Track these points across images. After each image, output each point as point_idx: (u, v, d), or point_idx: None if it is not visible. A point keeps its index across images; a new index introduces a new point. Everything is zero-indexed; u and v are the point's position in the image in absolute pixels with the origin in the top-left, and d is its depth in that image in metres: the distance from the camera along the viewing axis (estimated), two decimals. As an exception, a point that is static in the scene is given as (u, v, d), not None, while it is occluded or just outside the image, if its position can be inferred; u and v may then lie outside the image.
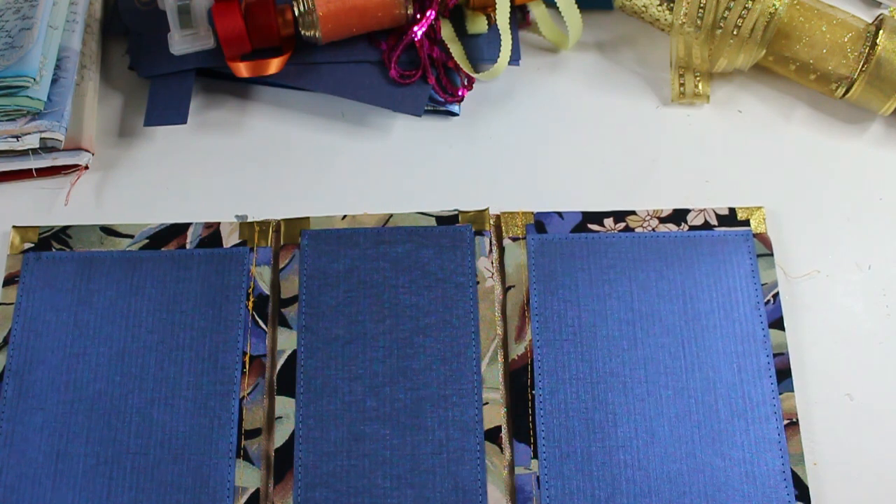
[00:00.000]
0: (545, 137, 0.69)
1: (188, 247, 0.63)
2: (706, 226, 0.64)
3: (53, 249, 0.63)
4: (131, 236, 0.63)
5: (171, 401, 0.58)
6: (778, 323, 0.60)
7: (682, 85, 0.70)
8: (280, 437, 0.57)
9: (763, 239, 0.63)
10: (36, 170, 0.65)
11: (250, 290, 0.61)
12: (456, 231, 0.63)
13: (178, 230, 0.64)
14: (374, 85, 0.67)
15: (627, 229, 0.63)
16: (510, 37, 0.67)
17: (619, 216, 0.64)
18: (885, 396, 0.59)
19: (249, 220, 0.65)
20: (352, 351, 0.59)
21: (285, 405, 0.58)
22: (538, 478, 0.56)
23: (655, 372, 0.59)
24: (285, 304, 0.61)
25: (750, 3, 0.65)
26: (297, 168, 0.67)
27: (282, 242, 0.63)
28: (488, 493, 0.56)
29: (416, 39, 0.67)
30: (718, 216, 0.64)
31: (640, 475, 0.56)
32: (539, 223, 0.64)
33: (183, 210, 0.65)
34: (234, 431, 0.57)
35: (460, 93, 0.68)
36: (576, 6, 0.69)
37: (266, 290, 0.61)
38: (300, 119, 0.70)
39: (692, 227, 0.63)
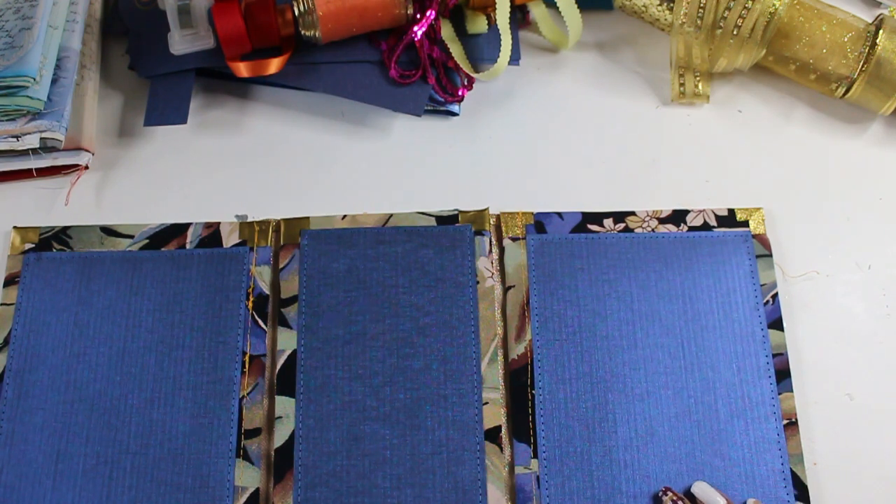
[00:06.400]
0: (545, 137, 0.69)
1: (188, 247, 0.63)
2: (705, 226, 0.64)
3: (54, 250, 0.63)
4: (131, 236, 0.63)
5: (171, 401, 0.58)
6: (777, 323, 0.60)
7: (682, 85, 0.70)
8: (280, 436, 0.57)
9: (762, 240, 0.63)
10: (36, 170, 0.66)
11: (250, 290, 0.61)
12: (456, 231, 0.63)
13: (178, 230, 0.64)
14: (374, 85, 0.67)
15: (627, 230, 0.63)
16: (510, 37, 0.67)
17: (619, 217, 0.64)
18: (885, 396, 0.59)
19: (249, 220, 0.65)
20: (351, 351, 0.59)
21: (285, 405, 0.58)
22: (538, 477, 0.56)
23: (655, 372, 0.59)
24: (285, 303, 0.61)
25: (750, 3, 0.65)
26: (297, 168, 0.67)
27: (282, 242, 0.63)
28: (488, 492, 0.56)
29: (416, 39, 0.67)
30: (718, 217, 0.64)
31: (640, 475, 0.56)
32: (539, 223, 0.64)
33: (183, 210, 0.65)
34: (233, 431, 0.57)
35: (460, 93, 0.68)
36: (576, 6, 0.69)
37: (266, 289, 0.62)
38: (300, 119, 0.70)
39: (691, 228, 0.64)
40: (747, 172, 0.67)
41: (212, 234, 0.63)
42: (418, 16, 0.67)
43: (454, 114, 0.70)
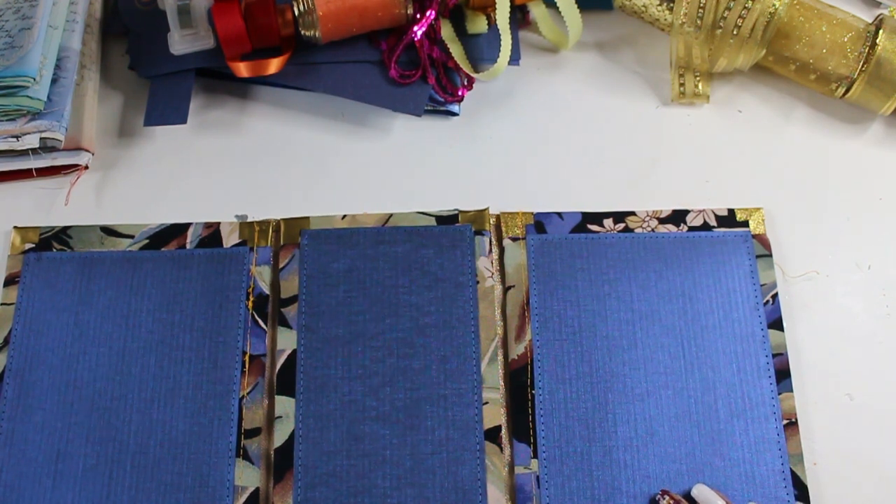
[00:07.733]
0: (545, 137, 0.69)
1: (188, 247, 0.63)
2: (705, 226, 0.64)
3: (54, 250, 0.63)
4: (131, 236, 0.63)
5: (171, 400, 0.58)
6: (777, 323, 0.60)
7: (682, 85, 0.70)
8: (280, 436, 0.58)
9: (762, 240, 0.63)
10: (36, 170, 0.66)
11: (250, 290, 0.61)
12: (456, 231, 0.63)
13: (178, 230, 0.64)
14: (374, 85, 0.67)
15: (627, 230, 0.63)
16: (510, 37, 0.67)
17: (619, 217, 0.64)
18: (885, 396, 0.59)
19: (249, 220, 0.65)
20: (351, 351, 0.59)
21: (285, 405, 0.58)
22: (538, 477, 0.56)
23: (655, 372, 0.59)
24: (285, 303, 0.61)
25: (750, 2, 0.65)
26: (297, 168, 0.67)
27: (282, 242, 0.63)
28: (488, 492, 0.56)
29: (416, 39, 0.67)
30: (717, 217, 0.64)
31: (640, 475, 0.56)
32: (539, 223, 0.64)
33: (183, 210, 0.65)
34: (233, 431, 0.57)
35: (460, 93, 0.68)
36: (576, 6, 0.69)
37: (266, 289, 0.62)
38: (300, 119, 0.70)
39: (691, 228, 0.64)
40: (747, 172, 0.67)
41: (212, 235, 0.63)
42: (418, 16, 0.67)
43: (454, 114, 0.70)
